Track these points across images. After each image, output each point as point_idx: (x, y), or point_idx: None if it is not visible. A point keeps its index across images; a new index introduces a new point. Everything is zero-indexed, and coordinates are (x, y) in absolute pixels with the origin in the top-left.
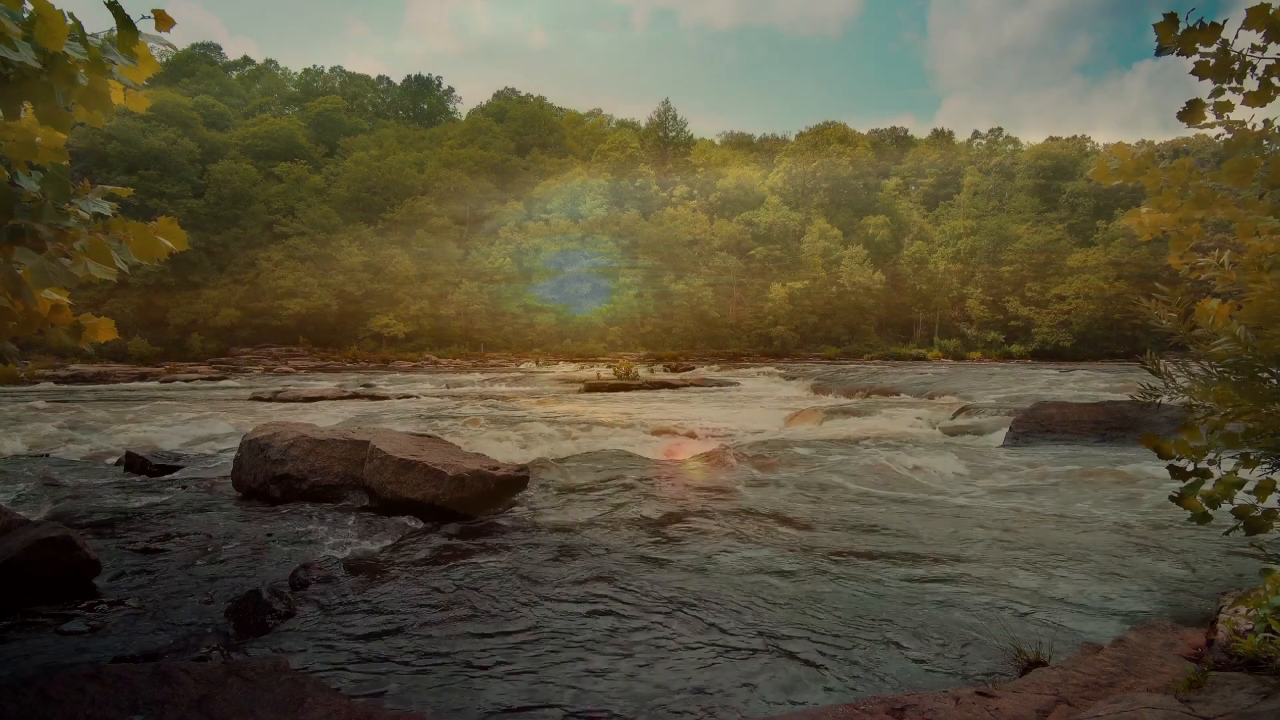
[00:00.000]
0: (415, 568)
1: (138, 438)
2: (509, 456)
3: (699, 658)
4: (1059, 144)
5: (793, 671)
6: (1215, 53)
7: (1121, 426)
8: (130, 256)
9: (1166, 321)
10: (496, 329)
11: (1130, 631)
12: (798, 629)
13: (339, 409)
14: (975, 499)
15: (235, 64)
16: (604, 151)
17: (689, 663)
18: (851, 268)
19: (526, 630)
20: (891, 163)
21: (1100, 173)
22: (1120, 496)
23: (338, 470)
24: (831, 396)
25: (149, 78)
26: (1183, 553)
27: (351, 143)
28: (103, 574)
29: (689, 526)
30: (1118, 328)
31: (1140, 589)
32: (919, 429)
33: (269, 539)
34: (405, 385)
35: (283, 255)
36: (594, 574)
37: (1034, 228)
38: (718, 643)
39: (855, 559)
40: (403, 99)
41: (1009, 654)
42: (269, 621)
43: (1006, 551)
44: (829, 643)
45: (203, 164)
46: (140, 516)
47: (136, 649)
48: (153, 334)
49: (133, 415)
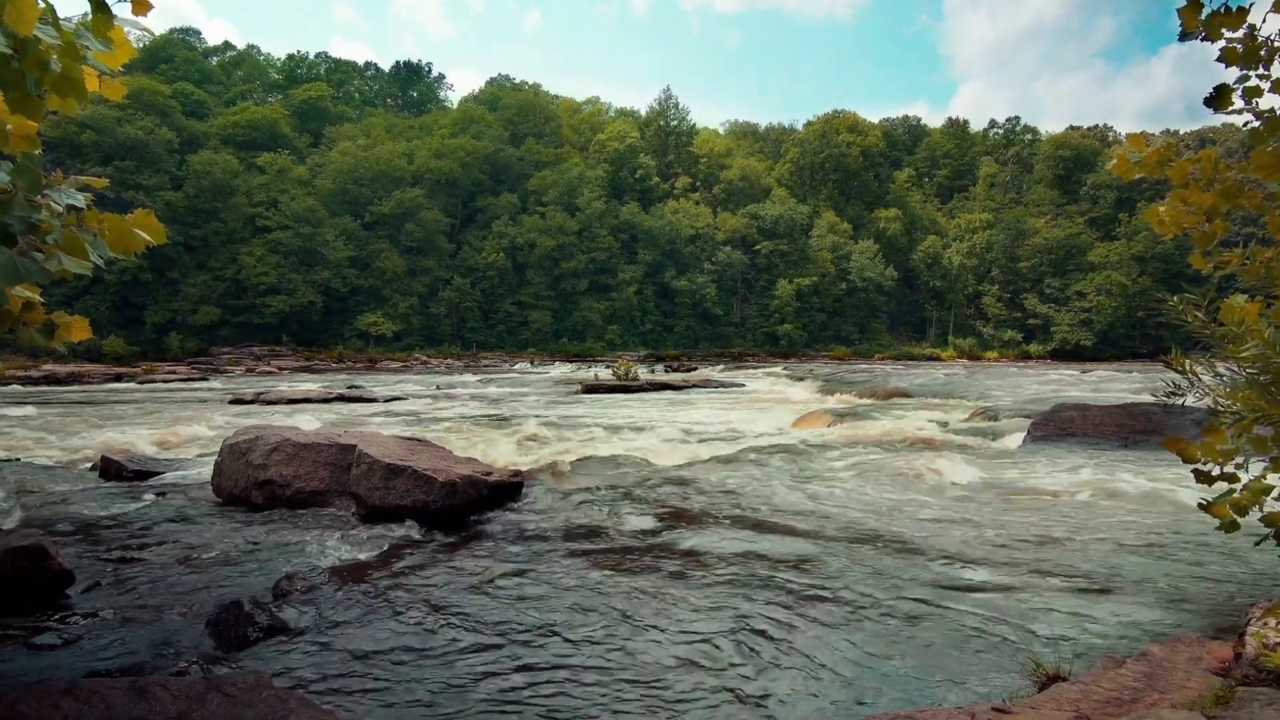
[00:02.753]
0: (404, 577)
1: (113, 442)
2: (503, 461)
3: (698, 675)
4: (1079, 133)
5: (797, 687)
6: (1242, 38)
7: (1145, 430)
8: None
9: (1192, 321)
10: (489, 327)
11: (1154, 644)
12: (802, 643)
13: (324, 412)
14: (990, 505)
15: (215, 49)
16: (602, 141)
17: (688, 680)
18: (862, 263)
19: (519, 644)
20: (904, 153)
21: (1121, 166)
22: (1143, 503)
23: (323, 475)
24: (840, 398)
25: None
26: (1209, 562)
27: (337, 132)
28: (77, 584)
29: (689, 535)
30: (1141, 326)
31: (1164, 600)
32: (932, 432)
33: (251, 548)
34: (394, 386)
35: (265, 250)
36: (591, 585)
37: (1053, 221)
38: (717, 658)
39: (863, 568)
40: (391, 86)
41: (1027, 668)
42: (251, 634)
43: (1024, 560)
44: (835, 656)
45: (181, 154)
46: (116, 524)
47: (112, 663)
48: (129, 333)
49: (108, 418)
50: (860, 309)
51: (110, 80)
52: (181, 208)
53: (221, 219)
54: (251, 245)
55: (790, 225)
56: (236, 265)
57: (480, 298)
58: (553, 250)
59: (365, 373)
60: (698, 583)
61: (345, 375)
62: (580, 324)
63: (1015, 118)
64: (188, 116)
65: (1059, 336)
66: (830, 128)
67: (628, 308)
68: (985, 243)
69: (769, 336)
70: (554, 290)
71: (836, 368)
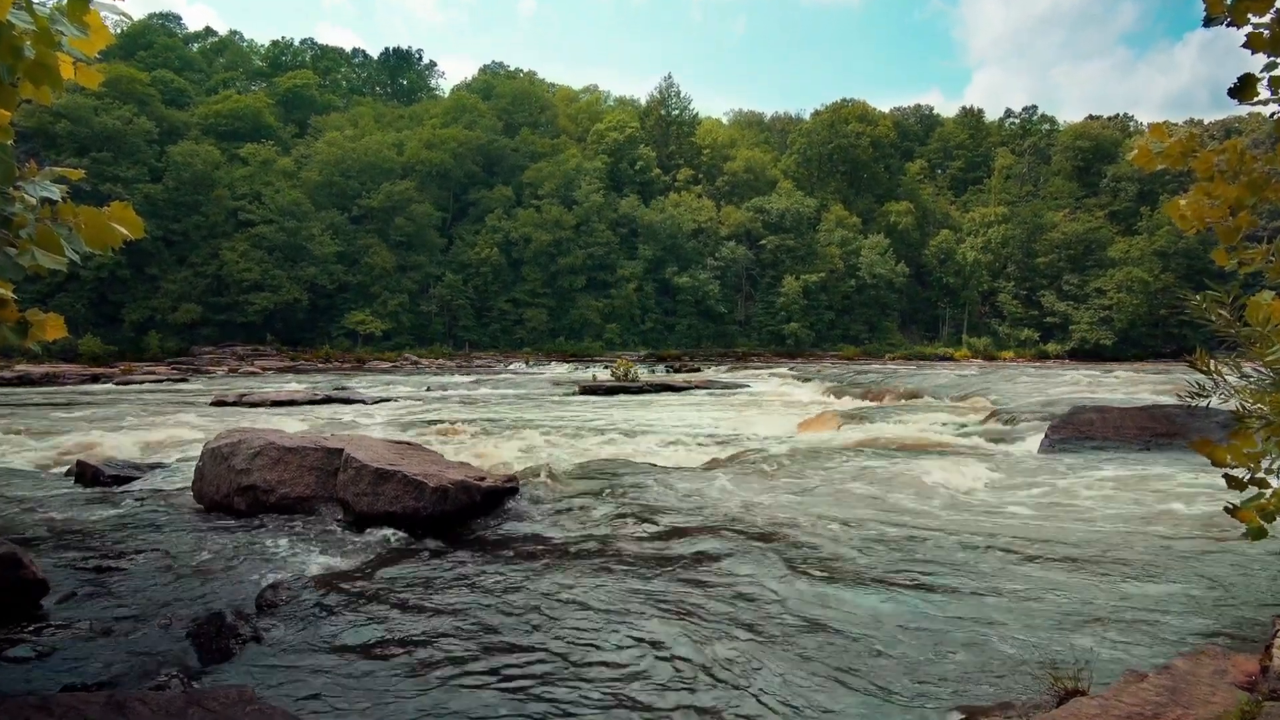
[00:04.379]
0: (392, 587)
1: (90, 446)
2: (496, 466)
3: (698, 693)
4: (1099, 123)
5: (802, 704)
6: (1269, 23)
7: (1169, 432)
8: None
9: (1216, 320)
10: (483, 326)
11: (1177, 657)
12: (809, 657)
13: (310, 414)
14: (1006, 512)
15: (196, 35)
16: (600, 131)
17: (687, 701)
18: (872, 259)
19: (512, 660)
20: (916, 144)
21: (1142, 157)
22: (1166, 509)
23: (309, 481)
24: (849, 400)
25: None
26: (1235, 571)
27: (324, 122)
28: (51, 594)
29: (689, 544)
30: (1164, 325)
31: (1187, 610)
32: (945, 435)
33: (233, 556)
34: (383, 388)
35: (248, 245)
36: (586, 596)
37: (1072, 215)
38: (719, 674)
39: (872, 578)
40: (380, 74)
41: (1045, 682)
42: (233, 646)
43: (1041, 569)
44: (843, 671)
45: (161, 145)
46: (93, 532)
47: (89, 676)
48: (106, 332)
49: (85, 421)
50: (870, 307)
51: (86, 67)
52: (161, 201)
53: (203, 212)
54: (234, 240)
55: (797, 219)
56: (218, 261)
57: (473, 295)
58: (549, 245)
59: (353, 373)
60: (698, 596)
61: (332, 376)
62: (578, 322)
63: (1032, 106)
64: (167, 105)
65: (1078, 335)
66: (839, 117)
67: (627, 305)
68: (1001, 237)
69: (775, 335)
70: (550, 287)
71: (845, 368)
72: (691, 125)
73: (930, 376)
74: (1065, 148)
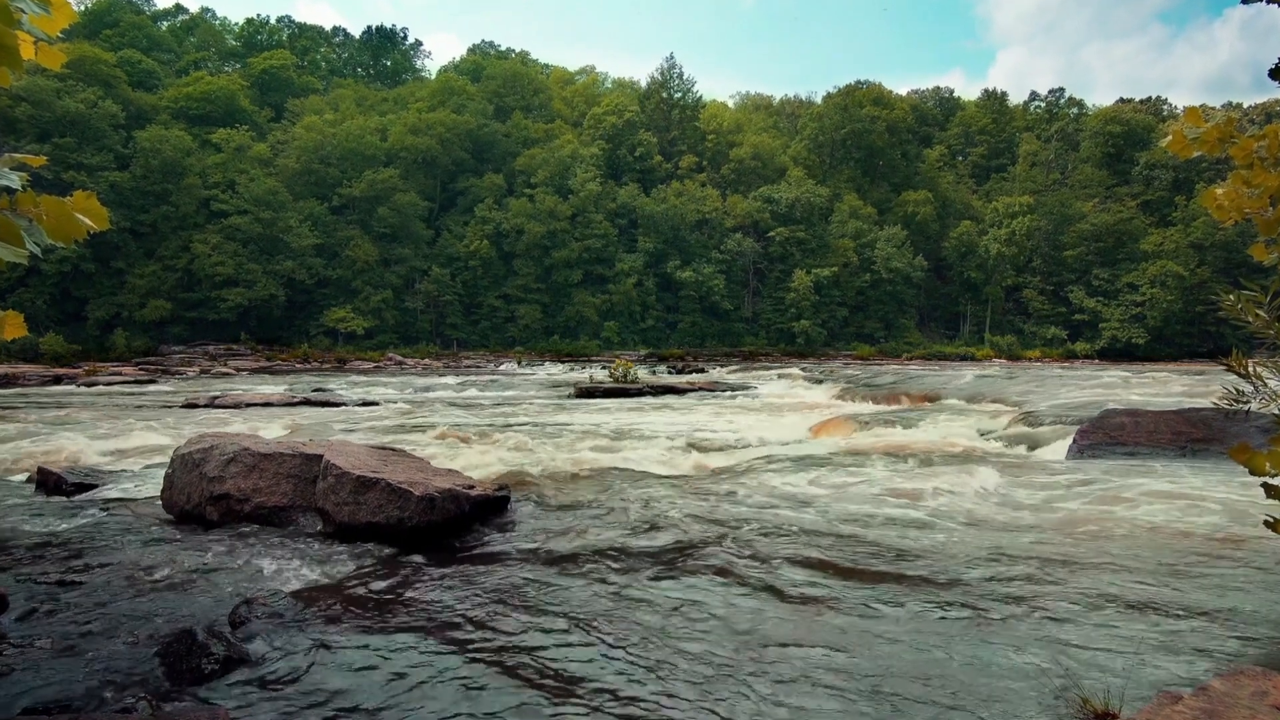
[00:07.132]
0: (375, 603)
1: (52, 451)
2: (487, 473)
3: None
4: (1131, 107)
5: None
6: None
7: (1205, 438)
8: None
9: (1253, 320)
10: (472, 324)
11: (1214, 678)
12: (819, 681)
13: (288, 417)
14: (1032, 523)
15: (165, 13)
16: (597, 115)
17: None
18: (888, 252)
19: (499, 679)
20: (935, 129)
21: (1177, 144)
22: (1202, 520)
23: (286, 489)
24: (864, 403)
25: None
26: (1274, 587)
27: (302, 105)
28: (11, 610)
29: (690, 558)
30: (1200, 322)
31: (1225, 628)
32: (966, 441)
33: (205, 570)
34: (365, 389)
35: (221, 238)
36: (579, 614)
37: (1102, 205)
38: (715, 705)
39: (888, 594)
40: (361, 54)
41: (1074, 704)
42: (205, 666)
43: (1070, 584)
44: (857, 696)
45: (127, 130)
46: (55, 543)
47: (50, 698)
48: (69, 330)
49: (46, 424)
50: (886, 303)
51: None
52: (128, 189)
53: (172, 202)
54: (206, 232)
55: (808, 209)
56: (189, 254)
57: (461, 290)
58: (542, 237)
59: (334, 374)
60: (699, 613)
61: (311, 377)
62: (573, 320)
63: (1060, 89)
64: (135, 88)
65: (1108, 334)
66: (852, 101)
67: (626, 302)
68: (1026, 229)
69: (784, 334)
70: (544, 282)
71: (860, 368)
72: (695, 109)
73: (951, 378)
74: (1095, 133)
